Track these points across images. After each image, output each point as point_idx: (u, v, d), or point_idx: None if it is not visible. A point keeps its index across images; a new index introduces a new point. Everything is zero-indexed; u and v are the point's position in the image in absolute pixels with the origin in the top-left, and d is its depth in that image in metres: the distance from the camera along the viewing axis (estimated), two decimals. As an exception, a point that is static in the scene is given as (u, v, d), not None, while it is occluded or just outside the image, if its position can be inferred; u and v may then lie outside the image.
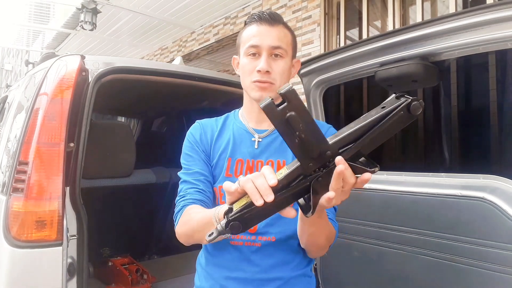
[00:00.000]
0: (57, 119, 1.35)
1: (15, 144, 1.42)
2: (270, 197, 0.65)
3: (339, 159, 0.65)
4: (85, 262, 1.35)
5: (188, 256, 2.35)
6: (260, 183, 0.66)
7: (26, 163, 1.30)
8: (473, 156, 1.66)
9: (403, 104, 0.64)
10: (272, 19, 1.06)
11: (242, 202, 0.69)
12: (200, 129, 1.15)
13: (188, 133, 1.17)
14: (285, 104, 0.62)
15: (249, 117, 1.14)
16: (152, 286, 1.87)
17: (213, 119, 1.19)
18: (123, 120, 3.87)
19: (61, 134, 1.34)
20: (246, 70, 1.06)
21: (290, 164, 0.69)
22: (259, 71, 1.02)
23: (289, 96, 0.62)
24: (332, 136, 0.68)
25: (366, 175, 0.68)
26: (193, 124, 1.19)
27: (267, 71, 1.02)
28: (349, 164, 0.66)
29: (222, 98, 2.52)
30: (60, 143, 1.34)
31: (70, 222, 1.33)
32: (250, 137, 1.11)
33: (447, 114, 1.71)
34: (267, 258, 1.02)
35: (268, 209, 0.68)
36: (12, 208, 1.27)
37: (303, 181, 0.68)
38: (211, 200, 1.06)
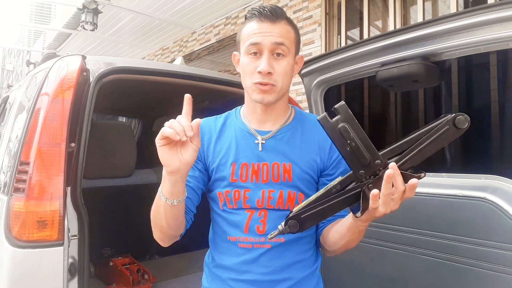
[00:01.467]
0: (58, 119, 1.36)
1: (16, 144, 1.42)
2: (189, 133, 0.81)
3: (391, 164, 0.72)
4: (86, 262, 1.35)
5: (189, 256, 2.35)
6: (176, 125, 0.83)
7: (27, 163, 1.30)
8: (474, 156, 1.66)
9: (448, 118, 0.72)
10: (274, 15, 1.00)
11: (301, 205, 0.78)
12: (204, 129, 1.11)
13: None
14: (338, 116, 0.73)
15: (251, 118, 1.10)
16: (153, 286, 1.87)
17: (213, 118, 1.16)
18: (124, 120, 3.88)
19: (62, 134, 1.35)
20: (247, 70, 1.02)
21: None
22: (260, 72, 0.98)
23: (341, 110, 0.72)
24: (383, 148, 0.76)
25: (413, 180, 0.73)
26: None
27: (269, 73, 0.98)
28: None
29: (223, 98, 2.52)
30: (61, 143, 1.34)
31: (71, 222, 1.33)
32: (253, 139, 1.07)
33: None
34: (276, 259, 1.01)
35: (324, 211, 0.76)
36: (13, 208, 1.27)
37: (355, 187, 0.76)
38: (191, 203, 1.06)
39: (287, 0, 5.07)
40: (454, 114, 0.72)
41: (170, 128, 0.82)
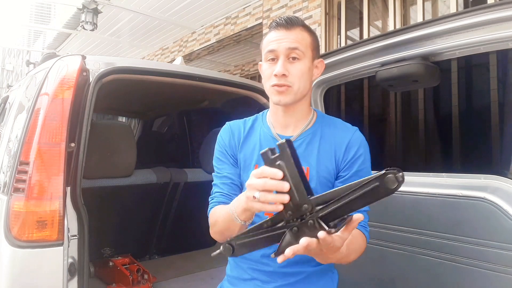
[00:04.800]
0: (58, 119, 1.36)
1: (16, 144, 1.42)
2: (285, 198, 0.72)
3: (320, 234, 0.70)
4: (86, 262, 1.35)
5: (189, 256, 2.35)
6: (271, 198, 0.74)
7: (27, 163, 1.30)
8: (474, 156, 1.66)
9: (378, 175, 0.68)
10: (289, 23, 1.07)
11: (242, 231, 0.78)
12: (229, 132, 1.18)
13: (218, 136, 1.20)
14: (278, 154, 0.72)
15: (275, 122, 1.16)
16: (153, 286, 1.87)
17: (242, 120, 1.22)
18: (124, 120, 3.88)
19: (62, 134, 1.35)
20: (265, 75, 1.09)
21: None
22: (275, 75, 1.04)
23: (281, 148, 0.71)
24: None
25: (321, 233, 0.70)
26: (223, 126, 1.22)
27: (283, 75, 1.04)
28: (316, 220, 0.72)
29: (222, 98, 2.53)
30: (61, 143, 1.34)
31: (71, 222, 1.33)
32: (276, 142, 1.10)
33: (448, 114, 1.71)
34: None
35: (255, 243, 0.77)
36: (13, 208, 1.27)
37: (282, 227, 0.75)
38: None
39: (287, 0, 5.07)
40: (385, 171, 0.67)
41: (267, 200, 0.75)
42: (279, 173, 0.72)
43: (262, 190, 0.74)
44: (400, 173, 0.68)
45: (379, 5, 4.24)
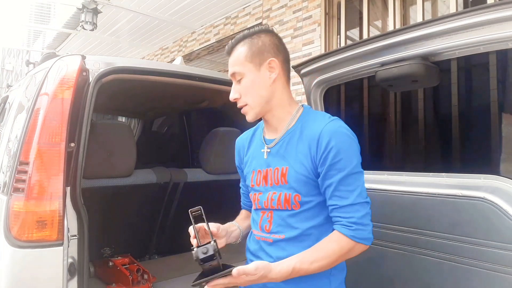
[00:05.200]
0: (58, 119, 1.36)
1: (15, 144, 1.42)
2: None
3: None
4: (86, 262, 1.35)
5: (188, 256, 2.35)
6: None
7: (27, 163, 1.30)
8: (473, 156, 1.66)
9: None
10: (228, 49, 1.18)
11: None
12: (238, 145, 1.34)
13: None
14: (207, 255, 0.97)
15: (265, 128, 1.25)
16: (153, 286, 1.86)
17: (251, 130, 1.33)
18: (123, 120, 3.88)
19: (61, 134, 1.35)
20: None
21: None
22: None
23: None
24: None
25: None
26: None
27: (236, 98, 1.16)
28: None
29: (222, 98, 2.52)
30: (60, 143, 1.34)
31: (71, 222, 1.33)
32: (264, 147, 1.21)
33: (448, 114, 1.71)
34: (279, 251, 1.12)
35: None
36: (13, 208, 1.27)
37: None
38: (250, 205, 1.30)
39: (286, 0, 5.07)
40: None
41: None
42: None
43: None
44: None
45: (379, 5, 4.24)
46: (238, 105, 1.17)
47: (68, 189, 1.34)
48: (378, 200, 1.63)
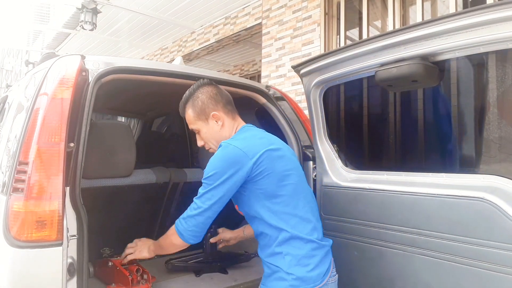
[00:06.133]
0: (57, 119, 1.35)
1: (15, 144, 1.42)
2: None
3: None
4: (85, 262, 1.35)
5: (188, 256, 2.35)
6: None
7: (26, 163, 1.30)
8: (473, 156, 1.66)
9: None
10: (181, 110, 1.56)
11: None
12: None
13: None
14: None
15: None
16: (153, 286, 1.86)
17: None
18: (123, 120, 3.87)
19: (61, 134, 1.34)
20: None
21: None
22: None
23: None
24: None
25: None
26: None
27: (202, 144, 1.56)
28: None
29: (222, 98, 2.52)
30: (60, 143, 1.34)
31: (70, 222, 1.33)
32: None
33: (447, 114, 1.71)
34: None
35: None
36: (12, 208, 1.27)
37: None
38: None
39: (286, 0, 5.07)
40: None
41: None
42: None
43: None
44: None
45: (379, 5, 4.25)
46: (206, 148, 1.56)
47: (68, 189, 1.34)
48: (378, 200, 1.63)
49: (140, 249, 1.70)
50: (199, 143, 1.55)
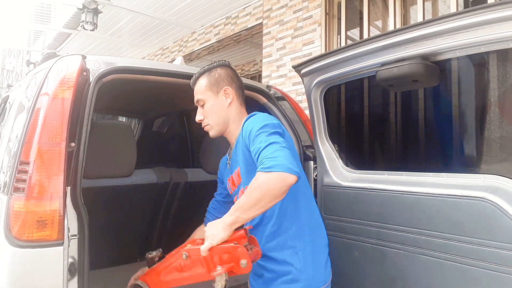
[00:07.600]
0: (58, 119, 1.35)
1: (16, 144, 1.42)
2: None
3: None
4: (86, 261, 1.35)
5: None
6: None
7: (27, 163, 1.30)
8: (474, 155, 1.65)
9: None
10: (193, 80, 1.49)
11: None
12: (221, 163, 1.68)
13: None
14: None
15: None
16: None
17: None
18: (124, 120, 3.88)
19: (62, 134, 1.35)
20: None
21: None
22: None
23: None
24: None
25: None
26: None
27: (200, 119, 1.47)
28: None
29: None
30: (61, 143, 1.34)
31: (71, 222, 1.33)
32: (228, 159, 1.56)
33: (448, 114, 1.71)
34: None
35: None
36: (13, 207, 1.27)
37: None
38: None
39: (287, 0, 5.07)
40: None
41: None
42: None
43: None
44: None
45: (379, 5, 4.24)
46: (202, 125, 1.47)
47: (69, 189, 1.34)
48: (379, 200, 1.63)
49: (214, 233, 1.18)
50: (198, 117, 1.46)
